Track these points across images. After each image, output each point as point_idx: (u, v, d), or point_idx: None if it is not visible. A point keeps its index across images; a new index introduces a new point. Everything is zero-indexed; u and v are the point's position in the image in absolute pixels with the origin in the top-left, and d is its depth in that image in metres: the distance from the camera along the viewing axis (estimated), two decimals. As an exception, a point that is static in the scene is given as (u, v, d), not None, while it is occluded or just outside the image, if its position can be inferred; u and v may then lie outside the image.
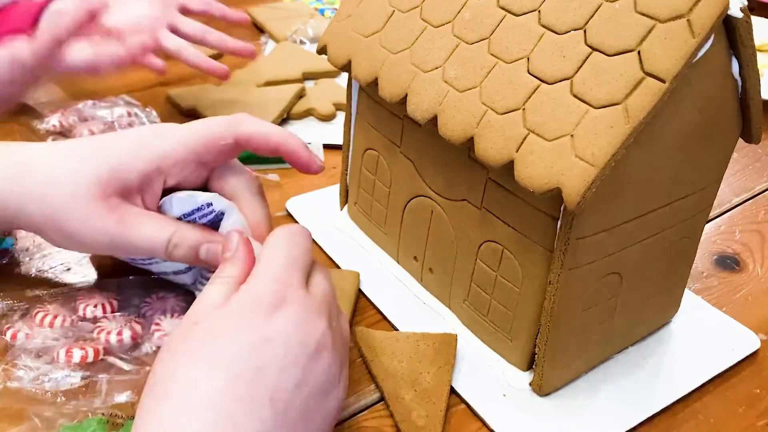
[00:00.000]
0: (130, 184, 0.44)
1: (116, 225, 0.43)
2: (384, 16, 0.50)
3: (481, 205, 0.46)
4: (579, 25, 0.40)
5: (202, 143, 0.45)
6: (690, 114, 0.41)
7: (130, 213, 0.44)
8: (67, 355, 0.44)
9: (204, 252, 0.44)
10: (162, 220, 0.44)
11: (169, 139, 0.45)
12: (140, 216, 0.44)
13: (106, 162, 0.44)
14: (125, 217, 0.43)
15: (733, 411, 0.48)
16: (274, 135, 0.47)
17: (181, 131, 0.46)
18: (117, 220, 0.43)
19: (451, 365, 0.48)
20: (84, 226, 0.43)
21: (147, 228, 0.43)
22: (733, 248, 0.65)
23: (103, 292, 0.50)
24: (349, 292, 0.54)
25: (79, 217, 0.43)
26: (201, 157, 0.46)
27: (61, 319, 0.47)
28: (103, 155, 0.44)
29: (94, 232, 0.43)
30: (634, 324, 0.51)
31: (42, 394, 0.43)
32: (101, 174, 0.43)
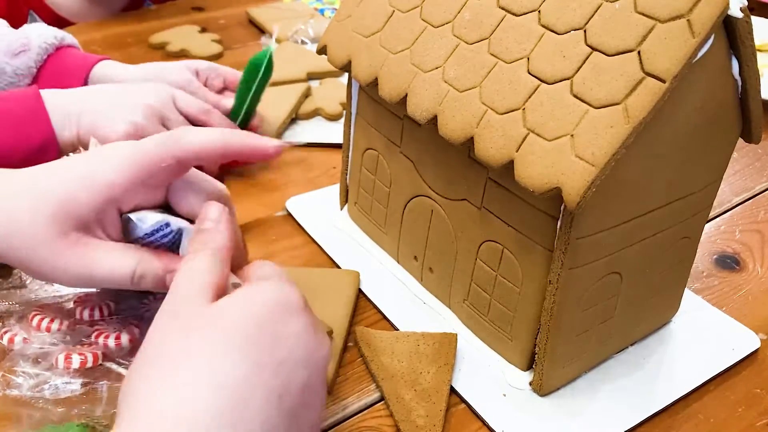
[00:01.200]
0: (84, 217, 0.42)
1: (78, 262, 0.41)
2: (384, 16, 0.50)
3: (481, 204, 0.46)
4: (579, 25, 0.40)
5: (145, 168, 0.43)
6: (690, 114, 0.41)
7: (90, 247, 0.42)
8: (66, 360, 0.44)
9: (168, 279, 0.43)
10: (123, 251, 0.43)
11: (112, 166, 0.43)
12: (101, 249, 0.42)
13: (58, 198, 0.42)
14: (86, 252, 0.42)
15: (733, 411, 0.48)
16: (217, 140, 0.44)
17: (122, 157, 0.43)
18: (78, 256, 0.41)
19: (450, 365, 0.48)
20: (49, 266, 0.42)
21: (109, 262, 0.42)
22: (733, 248, 0.65)
23: (100, 295, 0.50)
24: (349, 292, 0.54)
25: (43, 258, 0.41)
26: (146, 181, 0.43)
27: (59, 322, 0.47)
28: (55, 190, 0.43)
29: (58, 271, 0.42)
30: (634, 324, 0.51)
31: (42, 402, 0.42)
32: (55, 212, 0.41)
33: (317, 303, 0.52)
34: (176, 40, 0.96)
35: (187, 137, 0.43)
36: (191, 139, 0.43)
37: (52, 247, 0.41)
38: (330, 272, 0.56)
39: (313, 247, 0.60)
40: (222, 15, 1.07)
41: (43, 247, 0.41)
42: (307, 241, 0.61)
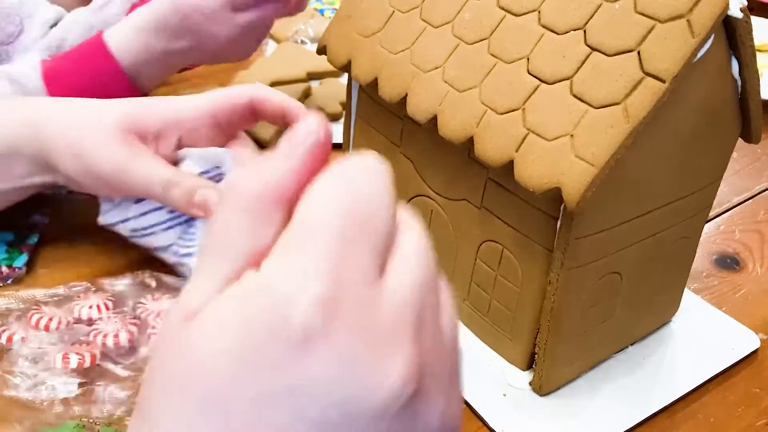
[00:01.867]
0: (148, 127, 0.47)
1: (125, 155, 0.45)
2: (384, 16, 0.50)
3: (481, 204, 0.46)
4: (579, 25, 0.40)
5: (219, 101, 0.48)
6: (690, 114, 0.41)
7: (140, 149, 0.46)
8: (64, 360, 0.44)
9: (198, 196, 0.45)
10: (167, 164, 0.46)
11: (192, 97, 0.49)
12: (148, 154, 0.46)
13: (130, 103, 0.48)
14: (135, 150, 0.46)
15: (732, 411, 0.48)
16: (288, 103, 0.48)
17: (204, 93, 0.49)
18: (127, 152, 0.46)
19: (451, 365, 0.48)
20: (98, 149, 0.46)
21: (150, 164, 0.46)
22: (732, 248, 0.65)
23: (98, 293, 0.50)
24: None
25: (97, 139, 0.46)
26: (217, 116, 0.48)
27: (57, 321, 0.47)
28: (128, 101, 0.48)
29: (103, 156, 0.46)
30: (634, 324, 0.51)
31: (39, 403, 0.42)
32: (125, 110, 0.47)
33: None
34: (176, 40, 0.95)
35: (265, 89, 0.49)
36: (268, 91, 0.49)
37: (110, 134, 0.46)
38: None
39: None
40: (222, 15, 1.07)
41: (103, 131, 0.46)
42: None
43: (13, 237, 0.54)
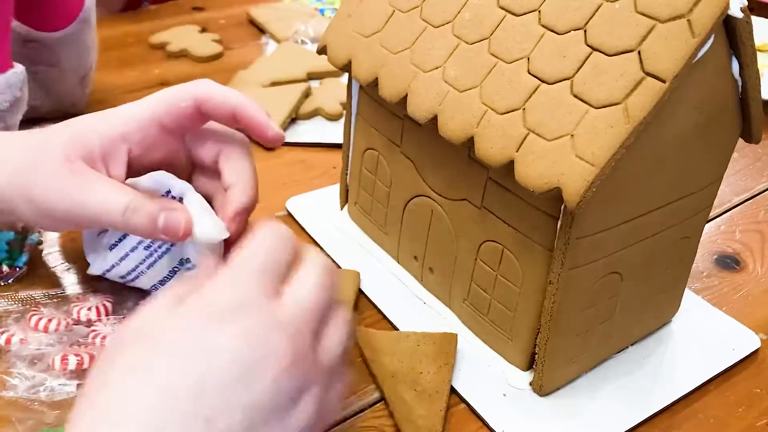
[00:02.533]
0: (92, 147, 0.43)
1: (76, 187, 0.42)
2: (384, 16, 0.50)
3: (481, 204, 0.46)
4: (579, 25, 0.40)
5: (162, 106, 0.44)
6: (690, 114, 0.41)
7: (91, 176, 0.43)
8: (63, 362, 0.44)
9: (162, 220, 0.42)
10: (120, 187, 0.43)
11: (131, 106, 0.45)
12: (101, 180, 0.43)
13: (70, 128, 0.44)
14: (86, 179, 0.42)
15: (733, 411, 0.48)
16: (233, 98, 0.45)
17: (144, 100, 0.45)
18: (78, 182, 0.42)
19: (451, 365, 0.48)
20: (47, 187, 0.42)
21: (105, 191, 0.42)
22: (733, 248, 0.65)
23: (97, 295, 0.50)
24: (350, 292, 0.54)
25: (43, 178, 0.42)
26: (163, 121, 0.44)
27: (56, 322, 0.47)
28: (69, 125, 0.45)
29: (55, 194, 0.42)
30: (634, 324, 0.51)
31: (37, 404, 0.42)
32: (65, 139, 0.43)
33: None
34: (176, 40, 0.96)
35: (209, 86, 0.45)
36: (212, 89, 0.45)
37: (56, 168, 0.42)
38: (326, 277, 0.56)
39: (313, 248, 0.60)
40: (222, 15, 1.07)
41: (49, 167, 0.42)
42: (307, 241, 0.61)
43: (14, 236, 0.54)
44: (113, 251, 0.48)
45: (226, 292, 0.32)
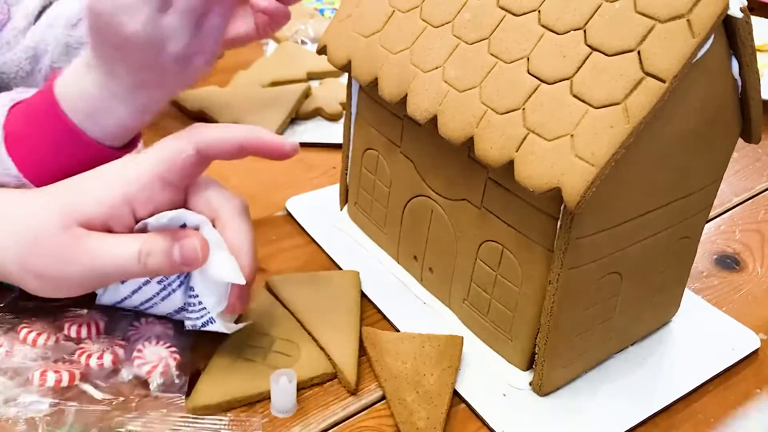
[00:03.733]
0: (90, 213, 0.42)
1: (82, 252, 0.41)
2: (384, 16, 0.50)
3: (481, 204, 0.46)
4: (579, 25, 0.40)
5: (164, 161, 0.43)
6: (690, 114, 0.41)
7: (94, 238, 0.41)
8: (41, 378, 0.43)
9: (177, 253, 0.41)
10: (127, 236, 0.42)
11: (131, 166, 0.43)
12: (105, 240, 0.42)
13: (63, 196, 0.43)
14: (89, 242, 0.41)
15: (733, 411, 0.48)
16: (236, 133, 0.44)
17: (142, 156, 0.44)
18: (82, 246, 0.41)
19: (455, 367, 0.48)
20: (53, 261, 0.41)
21: (112, 246, 0.41)
22: (733, 248, 0.65)
23: (92, 312, 0.48)
24: (354, 293, 0.54)
25: (46, 254, 0.41)
26: (165, 177, 0.43)
27: (45, 337, 0.46)
28: (65, 192, 0.43)
29: (63, 264, 0.41)
30: (634, 324, 0.51)
31: (5, 420, 0.41)
32: (59, 207, 0.42)
33: (324, 307, 0.52)
34: (176, 40, 0.95)
35: (207, 129, 0.44)
36: (210, 131, 0.44)
37: (56, 240, 0.41)
38: (331, 275, 0.56)
39: (313, 247, 0.60)
40: (222, 15, 1.07)
41: (49, 241, 0.41)
42: (307, 241, 0.61)
43: None
44: (125, 284, 0.46)
45: None
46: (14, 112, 0.49)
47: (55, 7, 0.68)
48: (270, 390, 0.45)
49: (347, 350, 0.48)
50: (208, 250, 0.42)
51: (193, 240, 0.42)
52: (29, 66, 0.67)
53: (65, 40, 0.65)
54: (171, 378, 0.44)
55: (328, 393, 0.47)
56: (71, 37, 0.65)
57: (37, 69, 0.67)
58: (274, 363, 0.47)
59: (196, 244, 0.42)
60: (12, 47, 0.67)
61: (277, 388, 0.44)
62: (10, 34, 0.67)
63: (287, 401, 0.45)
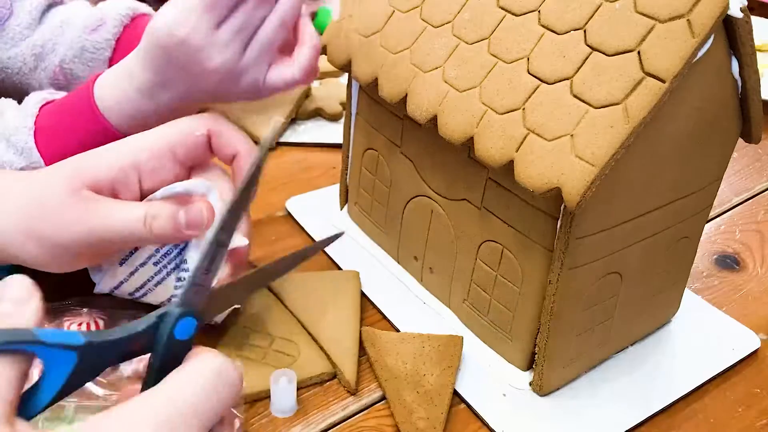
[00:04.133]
0: (99, 176, 0.42)
1: (89, 213, 0.41)
2: (384, 16, 0.50)
3: (481, 204, 0.46)
4: (579, 25, 0.40)
5: (175, 135, 0.44)
6: (690, 114, 0.41)
7: (101, 203, 0.42)
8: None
9: (183, 216, 0.41)
10: (133, 203, 0.42)
11: (142, 135, 0.44)
12: (111, 204, 0.42)
13: (73, 160, 0.43)
14: (96, 204, 0.42)
15: (733, 411, 0.48)
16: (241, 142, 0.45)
17: (156, 128, 0.45)
18: (90, 208, 0.41)
19: (455, 367, 0.48)
20: (58, 223, 0.41)
21: (119, 209, 0.42)
22: (733, 248, 0.65)
23: (92, 310, 0.48)
24: (354, 293, 0.54)
25: (52, 214, 0.41)
26: (175, 150, 0.44)
27: None
28: (75, 159, 0.44)
29: (68, 226, 0.41)
30: (634, 324, 0.51)
31: None
32: (68, 171, 0.42)
33: (324, 307, 0.52)
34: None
35: (220, 120, 0.45)
36: (223, 123, 0.45)
37: (62, 201, 0.41)
38: (331, 274, 0.56)
39: (313, 247, 0.60)
40: (222, 15, 1.07)
41: (56, 202, 0.41)
42: (307, 241, 0.61)
43: None
44: (123, 266, 0.46)
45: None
46: (46, 109, 0.51)
47: (65, 9, 0.70)
48: (269, 389, 0.45)
49: (347, 350, 0.48)
50: (214, 215, 0.42)
51: (199, 204, 0.42)
52: (33, 63, 0.69)
53: (82, 44, 0.67)
54: None
55: (328, 393, 0.47)
56: (88, 41, 0.67)
57: (42, 67, 0.68)
58: (273, 362, 0.47)
59: (202, 207, 0.42)
60: (17, 43, 0.68)
61: (277, 389, 0.44)
62: (14, 30, 0.68)
63: (287, 401, 0.45)
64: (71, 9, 0.70)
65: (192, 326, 0.35)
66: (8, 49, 0.68)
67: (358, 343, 0.49)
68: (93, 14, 0.69)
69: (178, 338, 0.34)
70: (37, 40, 0.68)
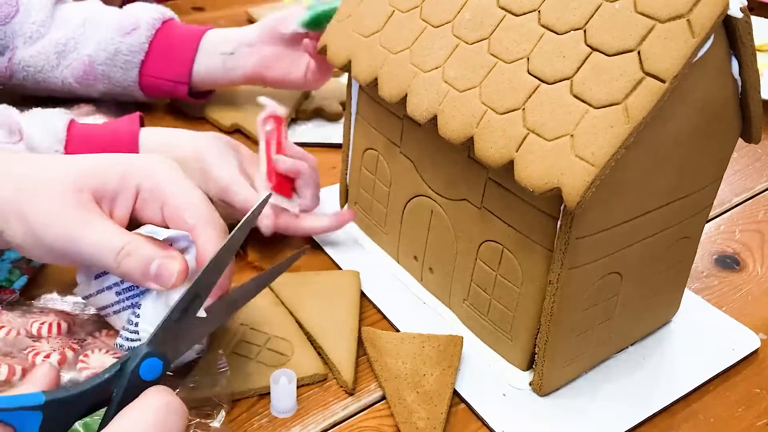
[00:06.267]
0: (107, 184, 0.42)
1: (76, 219, 0.41)
2: (384, 16, 0.50)
3: (481, 204, 0.46)
4: (579, 25, 0.40)
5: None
6: (690, 114, 0.41)
7: (93, 213, 0.41)
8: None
9: (154, 267, 0.40)
10: (120, 230, 0.42)
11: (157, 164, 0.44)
12: (101, 220, 0.42)
13: (92, 159, 0.43)
14: (88, 215, 0.41)
15: (733, 411, 0.48)
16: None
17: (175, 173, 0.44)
18: (79, 215, 0.41)
19: (455, 367, 0.48)
20: (45, 212, 0.41)
21: (102, 232, 0.41)
22: (733, 248, 0.65)
23: (60, 312, 0.48)
24: (353, 292, 0.54)
25: (45, 201, 0.41)
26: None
27: (5, 332, 0.45)
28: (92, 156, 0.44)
29: (52, 219, 0.41)
30: (634, 324, 0.51)
31: None
32: (85, 168, 0.42)
33: (323, 306, 0.52)
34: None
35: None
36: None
37: (62, 192, 0.41)
38: (331, 274, 0.56)
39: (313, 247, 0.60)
40: (222, 15, 1.07)
41: (54, 189, 0.41)
42: (307, 241, 0.61)
43: (20, 256, 0.53)
44: (96, 280, 0.46)
45: None
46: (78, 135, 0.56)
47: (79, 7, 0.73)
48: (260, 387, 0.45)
49: (345, 350, 0.48)
50: (185, 279, 0.41)
51: (176, 263, 0.41)
52: (56, 60, 0.72)
53: (116, 46, 0.72)
54: None
55: (327, 393, 0.47)
56: (123, 44, 0.72)
57: (65, 64, 0.72)
58: (266, 361, 0.47)
59: (177, 267, 0.41)
60: (35, 41, 0.71)
61: (277, 388, 0.44)
62: (30, 28, 0.71)
63: (287, 401, 0.45)
64: (90, 8, 0.74)
65: (158, 367, 0.36)
66: (28, 47, 0.71)
67: (358, 343, 0.49)
68: (125, 17, 0.73)
69: (144, 378, 0.36)
70: (60, 38, 0.71)
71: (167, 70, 0.73)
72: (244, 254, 0.59)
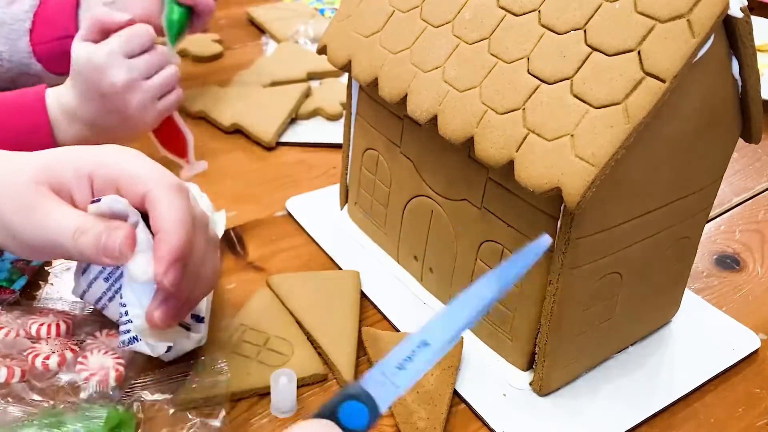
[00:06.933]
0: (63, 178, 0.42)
1: (37, 209, 0.41)
2: (384, 16, 0.50)
3: (481, 204, 0.46)
4: (579, 25, 0.40)
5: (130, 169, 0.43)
6: (690, 114, 0.41)
7: (52, 200, 0.42)
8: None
9: (103, 240, 0.40)
10: (75, 211, 0.42)
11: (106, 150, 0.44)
12: (57, 204, 0.42)
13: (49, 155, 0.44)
14: (46, 202, 0.41)
15: (733, 411, 0.48)
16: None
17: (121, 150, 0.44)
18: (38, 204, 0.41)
19: (455, 367, 0.48)
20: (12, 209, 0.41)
21: (59, 215, 0.41)
22: (733, 248, 0.65)
23: (59, 313, 0.48)
24: (353, 292, 0.54)
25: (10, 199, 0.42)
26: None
27: (5, 333, 0.46)
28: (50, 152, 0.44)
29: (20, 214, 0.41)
30: (634, 324, 0.51)
31: None
32: (42, 163, 0.43)
33: (323, 306, 0.52)
34: (176, 40, 0.95)
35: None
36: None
37: (24, 188, 0.41)
38: (331, 274, 0.56)
39: (313, 247, 0.60)
40: (222, 15, 1.07)
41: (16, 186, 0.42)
42: (307, 241, 0.61)
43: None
44: (83, 275, 0.46)
45: None
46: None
47: None
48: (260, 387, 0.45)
49: (345, 350, 0.48)
50: (133, 248, 0.41)
51: (120, 233, 0.41)
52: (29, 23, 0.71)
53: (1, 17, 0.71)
54: (107, 388, 0.43)
55: (328, 393, 0.47)
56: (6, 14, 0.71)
57: None
58: (266, 360, 0.47)
59: (120, 237, 0.41)
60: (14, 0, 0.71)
61: (277, 388, 0.44)
62: None
63: (287, 401, 0.45)
64: None
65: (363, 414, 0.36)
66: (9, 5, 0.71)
67: (357, 343, 0.49)
68: None
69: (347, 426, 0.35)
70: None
71: (54, 30, 0.71)
72: (244, 254, 0.59)
